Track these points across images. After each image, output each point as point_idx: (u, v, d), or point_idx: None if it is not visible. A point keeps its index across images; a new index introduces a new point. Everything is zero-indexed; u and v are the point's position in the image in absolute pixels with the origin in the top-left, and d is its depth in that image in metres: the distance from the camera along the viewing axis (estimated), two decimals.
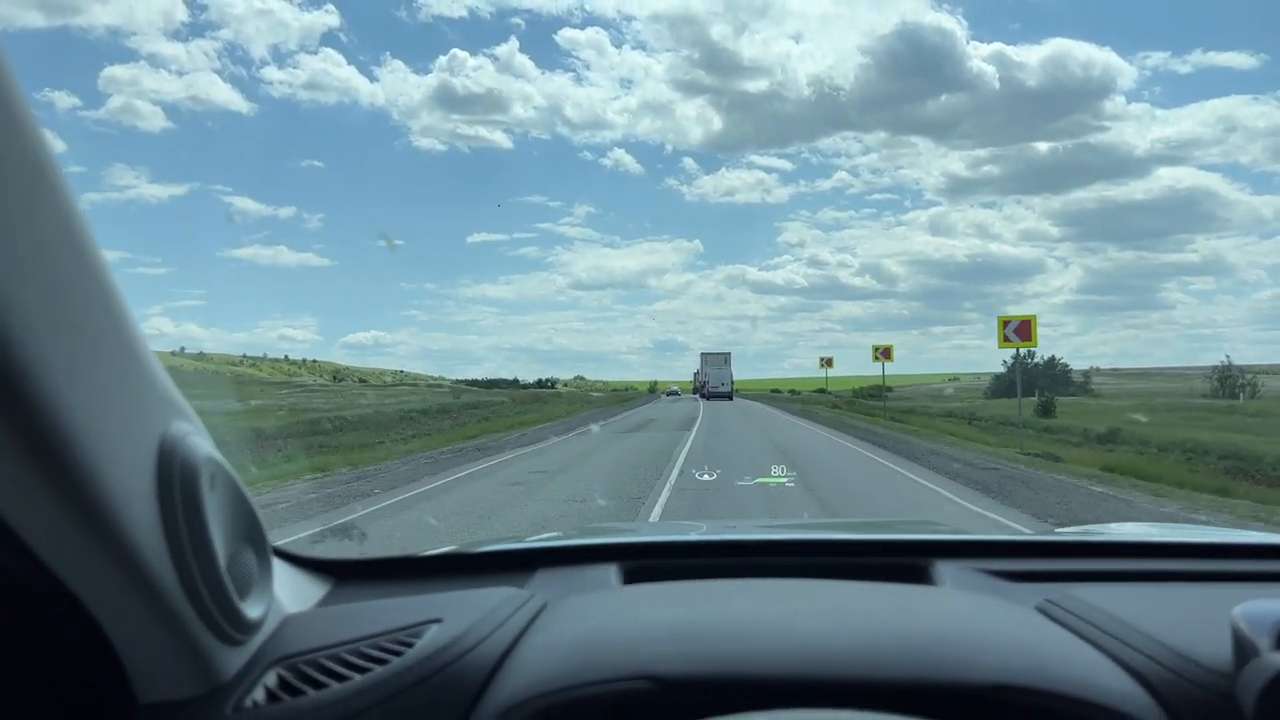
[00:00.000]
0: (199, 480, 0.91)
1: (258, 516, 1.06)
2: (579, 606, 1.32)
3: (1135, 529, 2.44)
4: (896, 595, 1.36)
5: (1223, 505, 12.78)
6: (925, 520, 6.71)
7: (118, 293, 0.84)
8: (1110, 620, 1.18)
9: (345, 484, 15.07)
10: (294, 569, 1.44)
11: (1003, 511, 11.51)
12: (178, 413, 0.94)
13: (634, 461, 18.24)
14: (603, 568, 1.61)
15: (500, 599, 1.28)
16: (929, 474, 16.11)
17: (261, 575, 1.07)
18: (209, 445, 0.96)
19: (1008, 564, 1.59)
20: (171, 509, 0.89)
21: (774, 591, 1.37)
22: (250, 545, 1.05)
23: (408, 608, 1.25)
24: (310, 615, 1.28)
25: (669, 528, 3.36)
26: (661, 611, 1.26)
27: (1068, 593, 1.33)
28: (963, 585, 1.49)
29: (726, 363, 74.85)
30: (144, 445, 0.87)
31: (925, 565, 1.59)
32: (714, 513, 11.23)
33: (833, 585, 1.40)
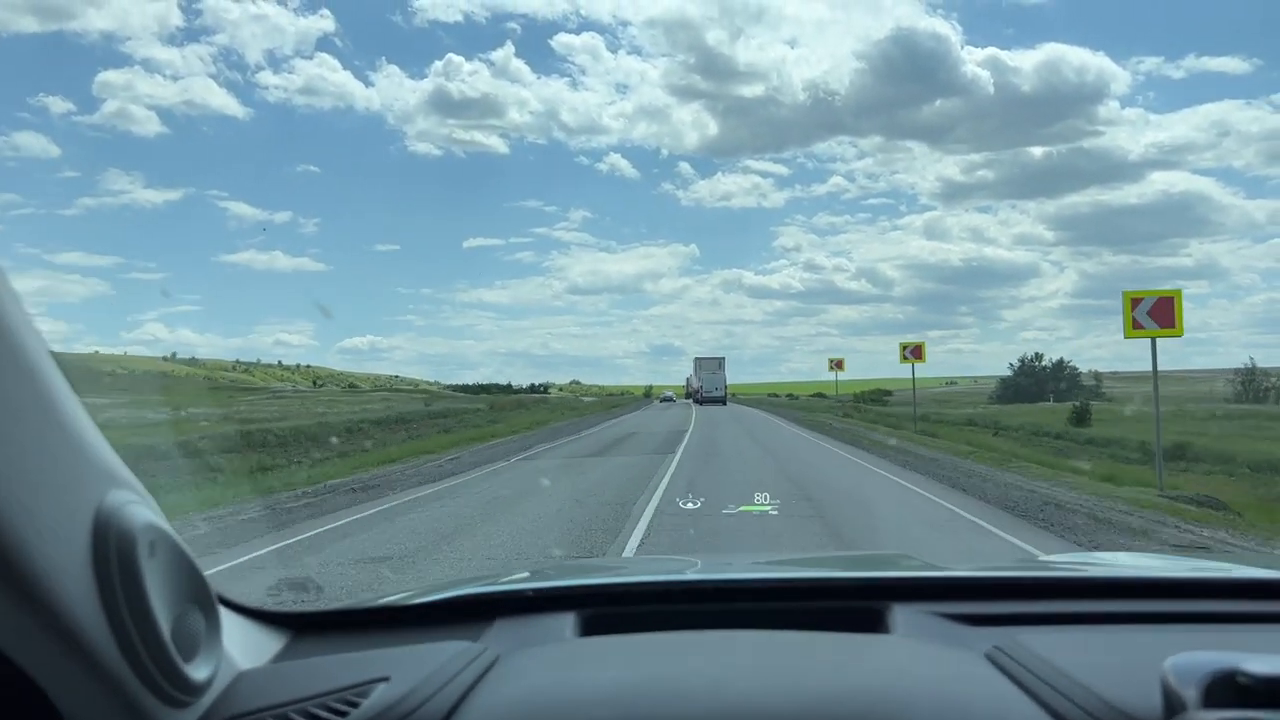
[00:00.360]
0: (135, 549, 0.90)
1: (203, 577, 1.04)
2: (528, 662, 1.31)
3: (1110, 559, 2.77)
4: (842, 647, 1.37)
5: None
6: (898, 553, 4.73)
7: (45, 363, 0.84)
8: (1051, 670, 1.18)
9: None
10: (250, 623, 1.41)
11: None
12: (115, 482, 0.93)
13: (570, 522, 11.23)
14: (560, 617, 1.57)
15: (451, 654, 1.26)
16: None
17: (209, 635, 1.05)
18: (149, 512, 0.95)
19: (963, 607, 1.56)
20: (108, 580, 0.88)
21: (720, 646, 1.37)
22: (196, 606, 1.03)
23: (358, 664, 1.24)
24: (262, 672, 1.26)
25: (636, 566, 3.12)
26: (606, 670, 1.26)
27: (1016, 639, 1.33)
28: (915, 632, 1.47)
29: (720, 367, 73.24)
30: (78, 520, 0.86)
31: (881, 609, 1.56)
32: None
33: (781, 637, 1.40)
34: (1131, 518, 11.51)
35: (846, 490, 14.31)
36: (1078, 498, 13.49)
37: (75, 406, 0.88)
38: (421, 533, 10.50)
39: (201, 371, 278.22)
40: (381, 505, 13.07)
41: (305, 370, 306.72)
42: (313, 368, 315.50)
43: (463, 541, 9.89)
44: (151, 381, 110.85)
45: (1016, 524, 10.96)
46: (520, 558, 8.91)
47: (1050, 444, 34.93)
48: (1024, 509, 12.16)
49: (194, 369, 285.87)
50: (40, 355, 0.83)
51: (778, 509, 11.42)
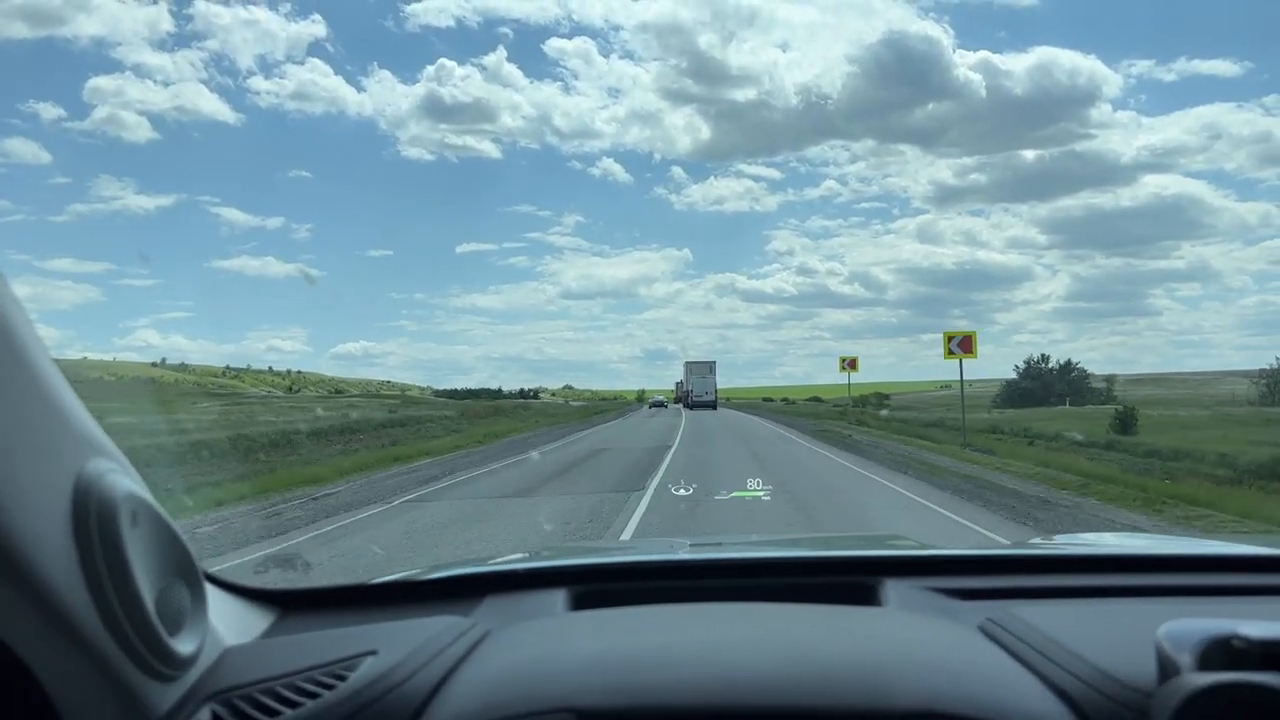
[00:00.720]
0: (118, 518, 0.89)
1: (189, 550, 1.03)
2: (517, 635, 1.28)
3: (1101, 539, 2.74)
4: (834, 618, 1.34)
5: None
6: (891, 535, 4.46)
7: (22, 328, 0.82)
8: (1045, 640, 1.17)
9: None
10: (238, 600, 1.39)
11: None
12: (95, 450, 0.91)
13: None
14: (550, 593, 1.55)
15: (440, 628, 1.24)
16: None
17: (195, 609, 1.04)
18: (131, 481, 0.94)
19: (957, 581, 1.56)
20: (89, 549, 0.86)
21: (711, 617, 1.34)
22: (182, 579, 1.01)
23: (347, 639, 1.21)
24: (249, 648, 1.25)
25: (628, 548, 2.86)
26: (594, 641, 1.23)
27: (1010, 611, 1.32)
28: (908, 605, 1.46)
29: (711, 372, 71.76)
30: (57, 486, 0.85)
31: (874, 584, 1.55)
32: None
33: (772, 609, 1.38)
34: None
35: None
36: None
37: (54, 374, 0.85)
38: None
39: (191, 378, 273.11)
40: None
41: (296, 376, 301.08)
42: (304, 373, 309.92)
43: None
44: (106, 387, 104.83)
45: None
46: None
47: (1119, 459, 28.23)
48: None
49: (183, 375, 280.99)
50: (18, 323, 0.81)
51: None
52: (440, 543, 9.63)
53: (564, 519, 11.16)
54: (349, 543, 9.96)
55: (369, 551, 9.50)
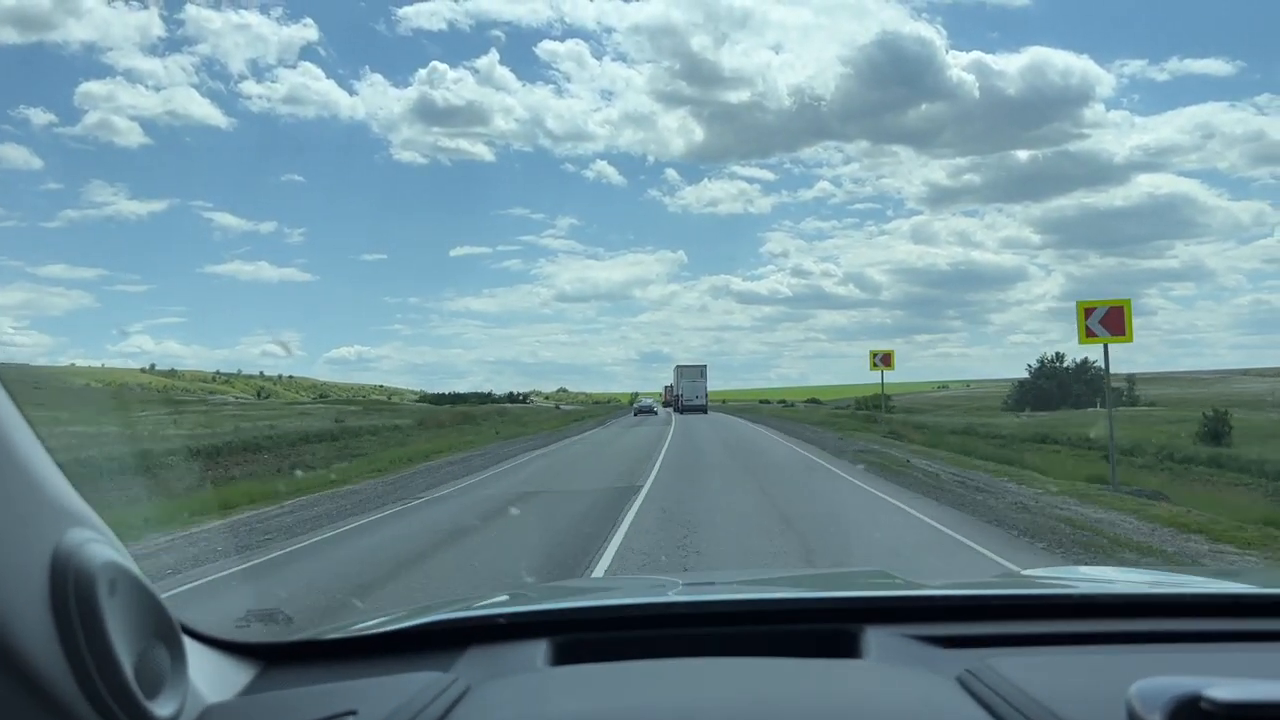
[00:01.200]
0: (96, 589, 0.87)
1: (167, 612, 1.01)
2: (497, 694, 1.27)
3: (1092, 574, 2.78)
4: (814, 674, 1.34)
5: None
6: (876, 571, 4.18)
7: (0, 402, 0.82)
8: (1020, 695, 1.17)
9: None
10: (219, 654, 1.36)
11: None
12: (73, 520, 0.90)
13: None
14: (532, 645, 1.52)
15: (420, 685, 1.23)
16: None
17: (174, 671, 1.01)
18: (110, 549, 0.92)
19: (937, 629, 1.54)
20: (68, 621, 0.85)
21: (691, 676, 1.33)
22: (161, 642, 0.99)
23: (326, 697, 1.21)
24: (230, 707, 1.23)
25: (611, 589, 2.90)
26: (573, 702, 1.23)
27: (987, 663, 1.31)
28: (888, 655, 1.44)
29: (702, 375, 69.47)
30: (34, 559, 0.84)
31: (856, 632, 1.53)
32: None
33: (752, 665, 1.37)
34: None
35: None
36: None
37: (31, 443, 0.86)
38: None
39: (180, 383, 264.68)
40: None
41: (288, 381, 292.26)
42: (295, 378, 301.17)
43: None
44: (74, 394, 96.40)
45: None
46: None
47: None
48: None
49: (172, 380, 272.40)
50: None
51: None
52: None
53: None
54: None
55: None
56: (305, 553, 10.05)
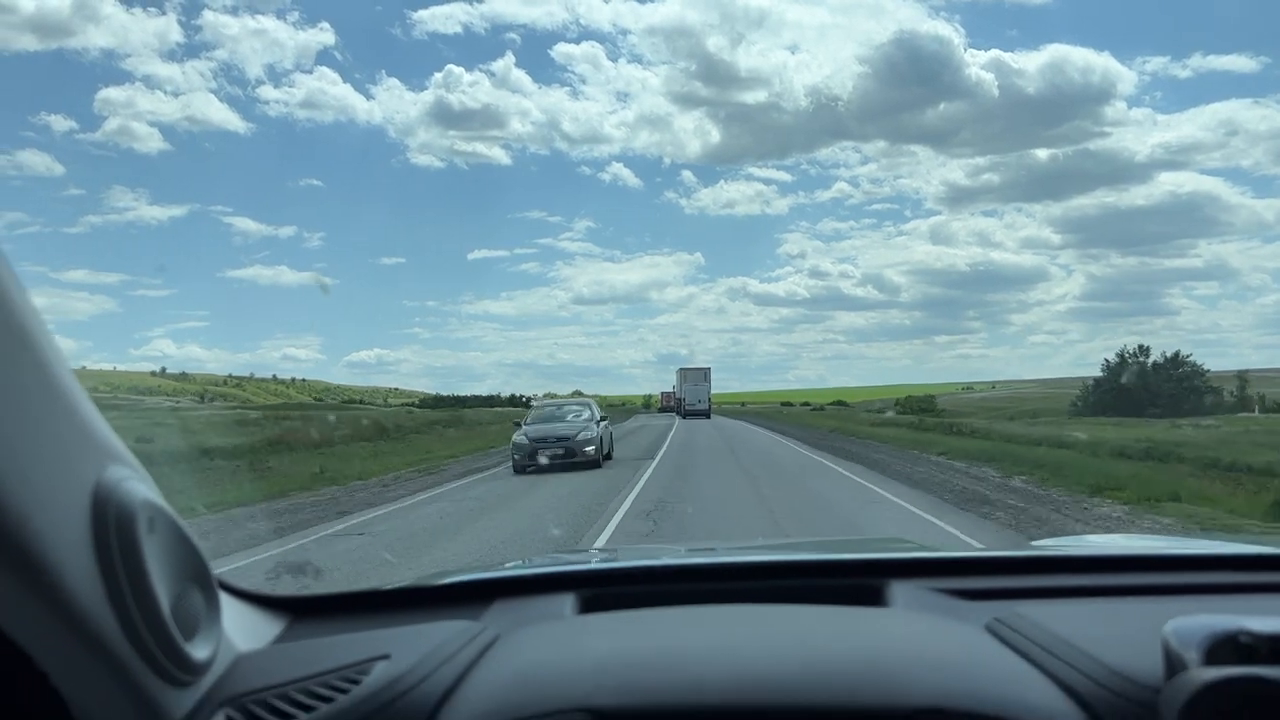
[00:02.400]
0: (136, 525, 0.86)
1: (203, 556, 1.00)
2: (528, 638, 1.26)
3: (1103, 541, 2.78)
4: (843, 618, 1.31)
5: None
6: (892, 538, 5.07)
7: (43, 338, 0.80)
8: (1052, 638, 1.15)
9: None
10: (249, 606, 1.35)
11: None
12: (113, 458, 0.88)
13: None
14: (559, 597, 1.50)
15: (450, 633, 1.22)
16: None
17: (209, 615, 1.01)
18: (147, 488, 0.91)
19: (962, 582, 1.51)
20: (108, 556, 0.84)
21: (720, 618, 1.31)
22: (196, 585, 0.99)
23: (358, 644, 1.19)
24: (262, 654, 1.21)
25: (631, 553, 2.91)
26: (606, 642, 1.21)
27: (1016, 610, 1.29)
28: (914, 605, 1.42)
29: (705, 379, 66.04)
30: (76, 493, 0.83)
31: (880, 586, 1.50)
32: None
33: (781, 610, 1.35)
34: None
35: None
36: None
37: (73, 383, 0.84)
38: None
39: (192, 387, 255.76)
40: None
41: (300, 385, 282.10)
42: (308, 381, 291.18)
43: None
44: None
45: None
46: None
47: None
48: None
49: (184, 384, 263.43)
50: (40, 332, 0.79)
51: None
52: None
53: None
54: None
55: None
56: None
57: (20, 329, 0.77)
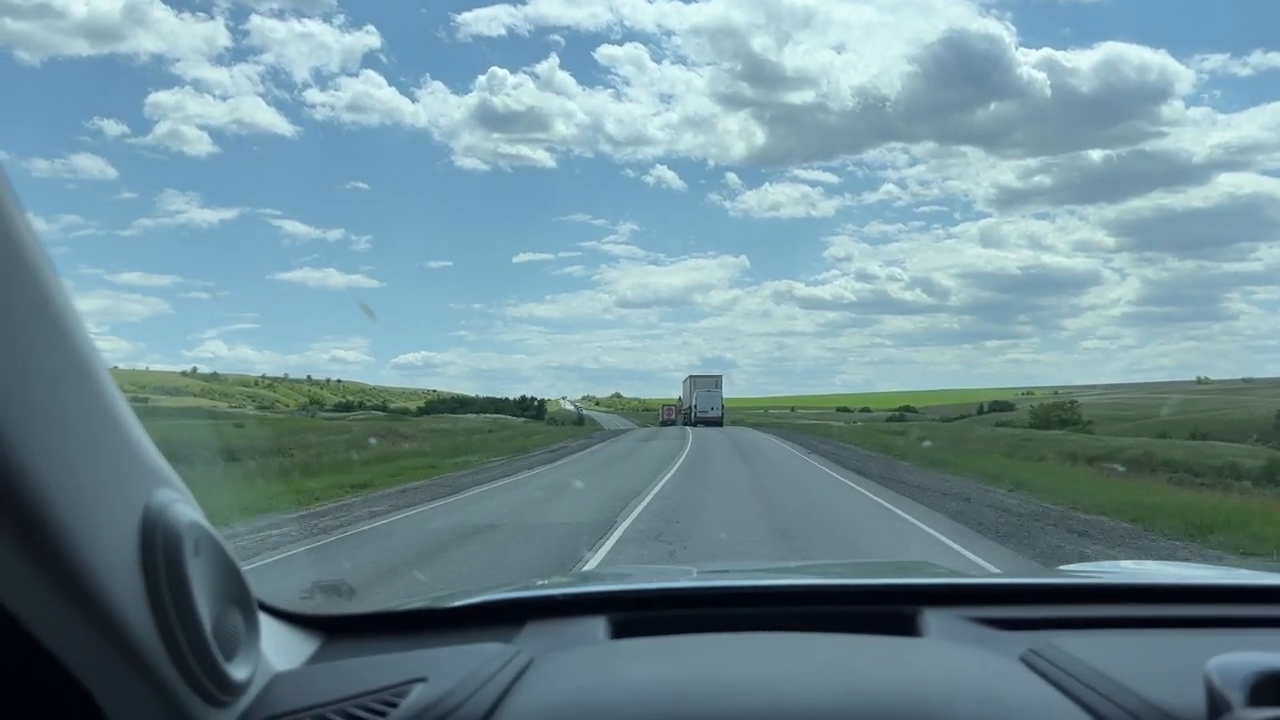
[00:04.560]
0: (182, 548, 0.86)
1: (244, 578, 0.99)
2: (564, 664, 1.22)
3: (1131, 568, 2.52)
4: (878, 649, 1.27)
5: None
6: (920, 561, 4.38)
7: (96, 363, 0.79)
8: (1089, 671, 1.10)
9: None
10: (284, 625, 1.33)
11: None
12: (161, 480, 0.88)
13: None
14: (591, 620, 1.45)
15: (485, 656, 1.18)
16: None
17: (248, 636, 1.00)
18: (193, 511, 0.91)
19: (995, 611, 1.44)
20: (155, 577, 0.83)
21: (757, 647, 1.27)
22: (237, 606, 0.97)
23: (394, 665, 1.16)
24: (298, 674, 1.19)
25: (660, 574, 2.86)
26: (644, 670, 1.18)
27: (1051, 642, 1.23)
28: (948, 635, 1.35)
29: (717, 386, 62.94)
30: (126, 516, 0.83)
31: (913, 614, 1.43)
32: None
33: (816, 639, 1.31)
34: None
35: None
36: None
37: (124, 406, 0.83)
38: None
39: (220, 387, 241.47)
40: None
41: (336, 386, 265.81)
42: (344, 383, 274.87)
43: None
44: None
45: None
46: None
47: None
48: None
49: (212, 384, 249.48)
50: (93, 355, 0.78)
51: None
52: None
53: None
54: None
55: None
56: None
57: (76, 355, 0.76)
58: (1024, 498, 15.04)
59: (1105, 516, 12.47)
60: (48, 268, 0.73)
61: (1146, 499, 13.90)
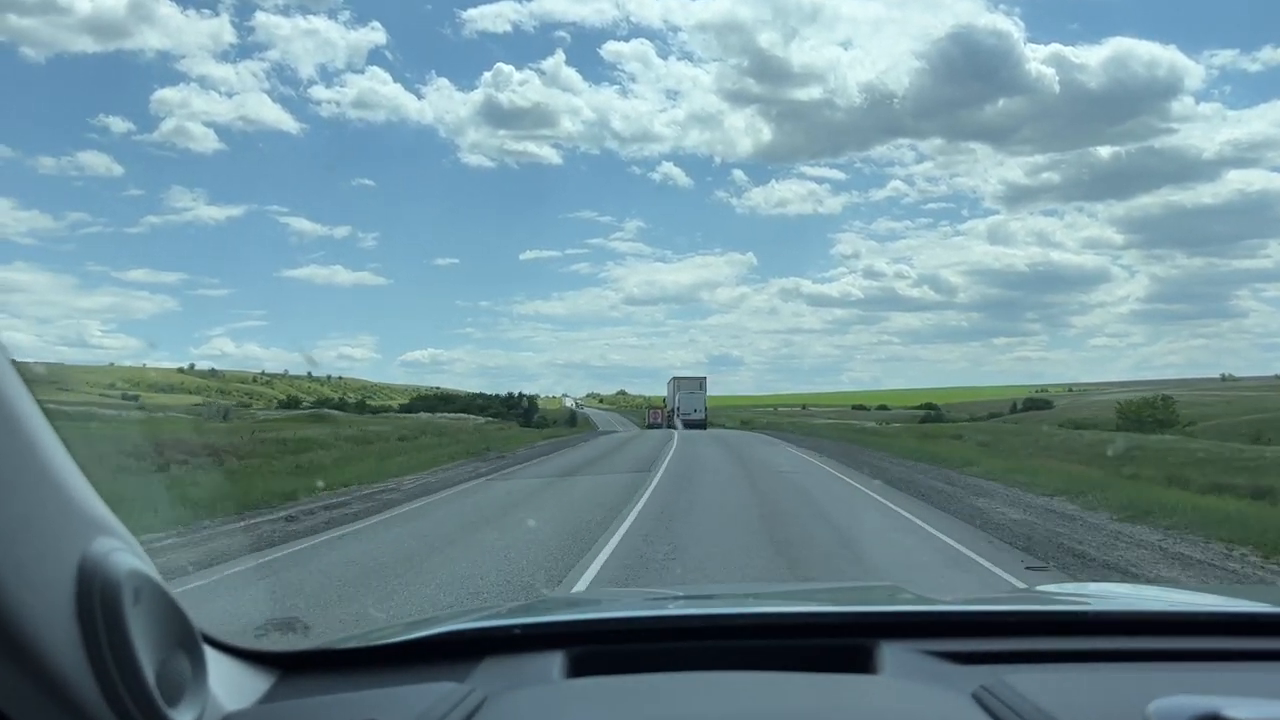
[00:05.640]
0: (121, 597, 0.83)
1: (189, 621, 0.96)
2: (515, 705, 1.19)
3: (1105, 590, 2.58)
4: (831, 689, 1.25)
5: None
6: (888, 585, 4.29)
7: (28, 409, 0.78)
8: (1035, 712, 1.10)
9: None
10: (237, 662, 1.27)
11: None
12: (99, 529, 0.86)
13: None
14: (547, 656, 1.42)
15: (436, 696, 1.16)
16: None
17: (195, 678, 0.96)
18: (134, 558, 0.88)
19: (951, 644, 1.42)
20: (93, 629, 0.81)
21: (713, 689, 1.24)
22: (182, 649, 0.95)
23: (345, 707, 1.16)
24: (248, 714, 1.17)
25: (623, 602, 2.49)
26: (596, 715, 1.17)
27: (1003, 679, 1.22)
28: (903, 672, 1.34)
29: (701, 388, 58.81)
30: (62, 569, 0.80)
31: (871, 647, 1.41)
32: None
33: (773, 679, 1.26)
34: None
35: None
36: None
37: (60, 453, 0.82)
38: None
39: (216, 384, 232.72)
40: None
41: (338, 382, 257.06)
42: (345, 379, 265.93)
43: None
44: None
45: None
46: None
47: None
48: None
49: (209, 381, 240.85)
50: (22, 400, 0.76)
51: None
52: None
53: None
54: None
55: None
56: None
57: (7, 414, 0.74)
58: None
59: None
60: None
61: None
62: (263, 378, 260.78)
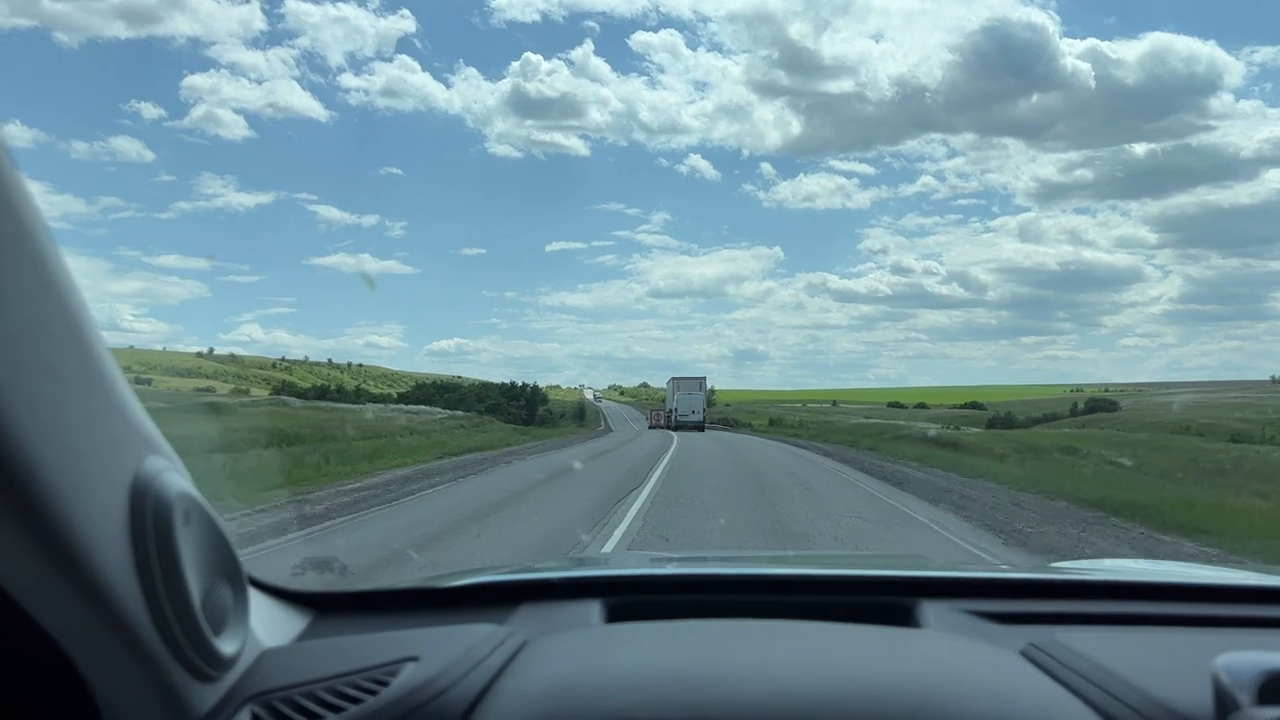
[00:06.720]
0: (172, 517, 0.83)
1: (234, 551, 0.96)
2: (558, 646, 1.18)
3: (1130, 566, 2.49)
4: (878, 639, 1.22)
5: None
6: (916, 555, 4.66)
7: (89, 328, 0.76)
8: (1093, 667, 1.06)
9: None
10: (274, 601, 1.29)
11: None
12: (152, 449, 0.85)
13: None
14: (586, 604, 1.42)
15: (478, 637, 1.15)
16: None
17: (237, 610, 0.97)
18: (184, 481, 0.87)
19: (994, 605, 1.40)
20: (144, 547, 0.80)
21: (755, 634, 1.22)
22: (226, 580, 0.95)
23: (386, 644, 1.14)
24: (288, 650, 1.16)
25: (655, 561, 2.42)
26: (639, 655, 1.13)
27: (1053, 637, 1.20)
28: (947, 627, 1.32)
29: (700, 388, 55.49)
30: (116, 484, 0.79)
31: (911, 605, 1.40)
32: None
33: (815, 628, 1.25)
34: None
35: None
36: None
37: (117, 373, 0.80)
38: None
39: (233, 369, 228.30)
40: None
41: (357, 370, 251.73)
42: (365, 367, 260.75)
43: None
44: None
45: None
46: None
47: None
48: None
49: (227, 366, 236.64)
50: (87, 322, 0.75)
51: None
52: None
53: None
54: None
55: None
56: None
57: (69, 320, 0.73)
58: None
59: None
60: (42, 230, 0.68)
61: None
62: (282, 364, 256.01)
